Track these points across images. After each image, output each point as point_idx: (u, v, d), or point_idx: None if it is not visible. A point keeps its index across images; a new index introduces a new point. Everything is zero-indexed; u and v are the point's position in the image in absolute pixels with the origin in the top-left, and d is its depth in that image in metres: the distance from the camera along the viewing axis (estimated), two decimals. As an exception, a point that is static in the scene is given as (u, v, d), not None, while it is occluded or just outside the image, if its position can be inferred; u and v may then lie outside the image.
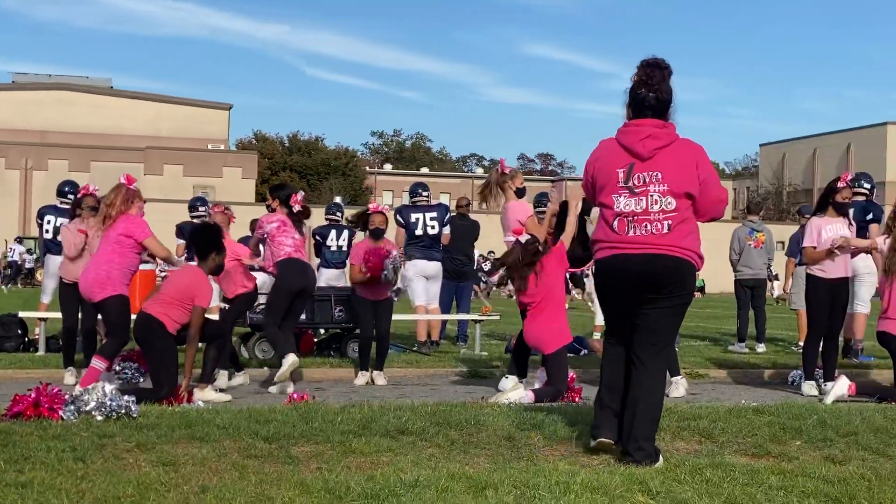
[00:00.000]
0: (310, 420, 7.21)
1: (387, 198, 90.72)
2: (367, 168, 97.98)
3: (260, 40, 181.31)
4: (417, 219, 14.86)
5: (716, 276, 45.29)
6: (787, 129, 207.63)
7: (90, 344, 11.22)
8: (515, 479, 5.67)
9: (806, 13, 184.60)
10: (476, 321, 15.28)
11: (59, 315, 12.15)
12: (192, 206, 15.62)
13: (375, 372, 11.80)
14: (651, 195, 6.50)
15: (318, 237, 15.96)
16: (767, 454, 6.72)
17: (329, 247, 15.84)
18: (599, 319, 15.93)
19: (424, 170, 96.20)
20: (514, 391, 9.42)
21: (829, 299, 11.00)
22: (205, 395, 9.76)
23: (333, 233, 15.85)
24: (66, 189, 13.97)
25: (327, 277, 15.51)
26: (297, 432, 6.81)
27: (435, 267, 14.90)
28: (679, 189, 6.48)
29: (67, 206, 13.08)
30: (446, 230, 14.95)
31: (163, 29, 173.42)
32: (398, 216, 15.00)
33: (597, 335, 15.33)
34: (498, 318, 18.67)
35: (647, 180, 6.50)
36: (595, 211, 7.36)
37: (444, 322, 15.83)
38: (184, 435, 6.66)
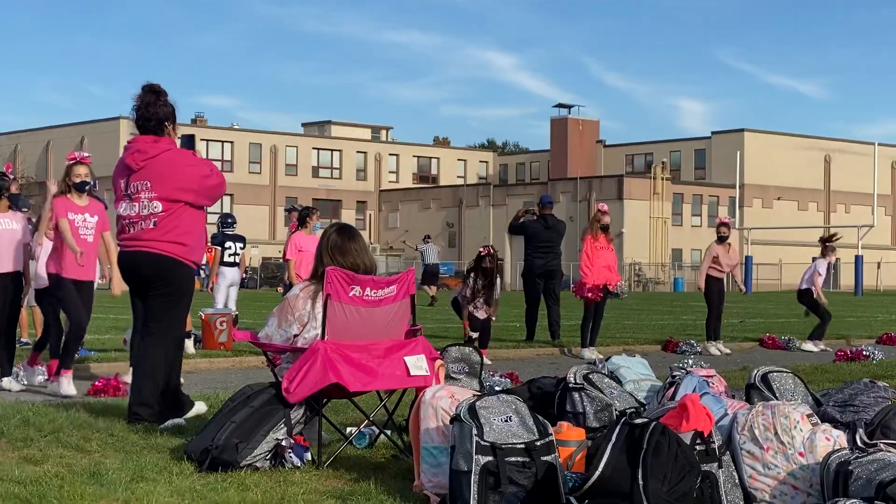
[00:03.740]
0: None
1: None
2: None
3: None
4: None
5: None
6: (19, 120, 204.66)
7: None
8: None
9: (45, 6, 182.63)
10: None
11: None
12: None
13: None
14: (142, 201, 7.74)
15: None
16: (-38, 460, 6.43)
17: None
18: None
19: None
20: None
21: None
22: None
23: None
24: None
25: None
26: None
27: None
28: (165, 193, 7.73)
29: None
30: None
31: None
32: None
33: None
34: None
35: (140, 188, 7.75)
36: None
37: None
38: None
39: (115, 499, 5.46)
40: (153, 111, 7.80)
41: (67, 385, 10.37)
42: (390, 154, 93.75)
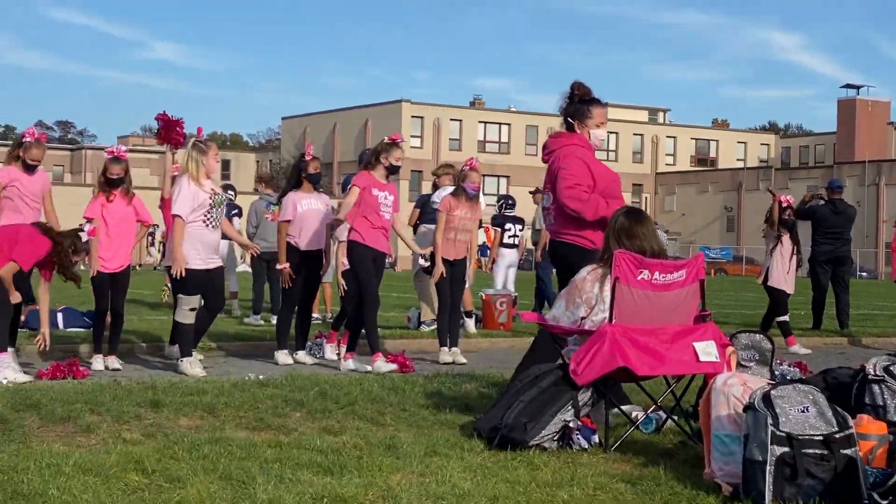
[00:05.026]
0: None
1: None
2: None
3: None
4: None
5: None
6: (309, 102, 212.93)
7: None
8: (3, 464, 5.38)
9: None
10: None
11: None
12: None
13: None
14: (547, 192, 8.25)
15: None
16: (268, 427, 6.80)
17: None
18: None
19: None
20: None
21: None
22: None
23: None
24: None
25: None
26: None
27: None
28: (549, 182, 8.14)
29: None
30: None
31: None
32: None
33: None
34: None
35: (548, 180, 8.20)
36: None
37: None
38: None
39: (412, 471, 5.62)
40: (561, 109, 8.34)
41: (353, 364, 10.80)
42: (667, 136, 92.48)
